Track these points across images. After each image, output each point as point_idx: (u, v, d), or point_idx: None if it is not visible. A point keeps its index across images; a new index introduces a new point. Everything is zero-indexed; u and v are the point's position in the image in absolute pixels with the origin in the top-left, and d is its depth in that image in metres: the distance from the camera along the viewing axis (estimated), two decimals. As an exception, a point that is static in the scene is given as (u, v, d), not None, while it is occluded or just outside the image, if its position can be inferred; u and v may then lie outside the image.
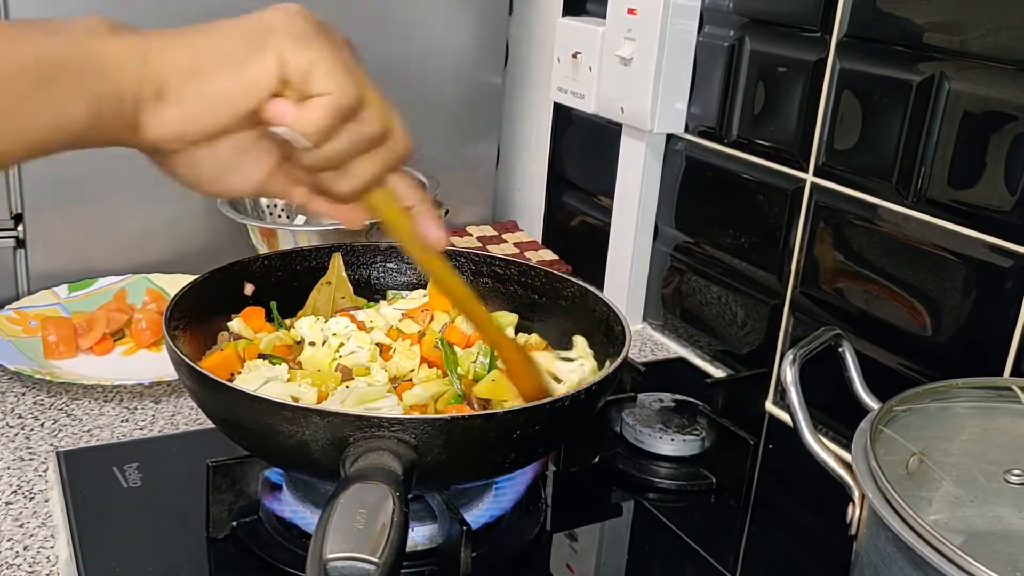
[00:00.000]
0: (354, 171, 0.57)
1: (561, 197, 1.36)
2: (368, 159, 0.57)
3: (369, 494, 0.54)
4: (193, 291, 0.79)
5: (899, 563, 0.55)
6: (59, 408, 0.92)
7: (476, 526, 0.72)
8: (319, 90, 0.52)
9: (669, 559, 0.77)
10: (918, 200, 0.84)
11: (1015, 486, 0.59)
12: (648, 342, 1.17)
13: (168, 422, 0.91)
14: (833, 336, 0.73)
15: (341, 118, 0.53)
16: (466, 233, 1.36)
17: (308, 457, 0.64)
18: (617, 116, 1.14)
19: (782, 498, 0.86)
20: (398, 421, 0.61)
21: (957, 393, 0.68)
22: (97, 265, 1.14)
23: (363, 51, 1.38)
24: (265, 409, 0.63)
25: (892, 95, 0.85)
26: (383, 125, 0.56)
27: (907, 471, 0.61)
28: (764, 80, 0.99)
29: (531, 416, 0.66)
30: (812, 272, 0.95)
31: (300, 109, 0.51)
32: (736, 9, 1.02)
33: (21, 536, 0.74)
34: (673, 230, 1.14)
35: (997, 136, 0.77)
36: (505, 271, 0.90)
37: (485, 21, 1.30)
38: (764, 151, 1.00)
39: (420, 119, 1.30)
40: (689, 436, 0.88)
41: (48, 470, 0.82)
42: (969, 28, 0.79)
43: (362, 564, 0.49)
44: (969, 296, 0.80)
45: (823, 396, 0.81)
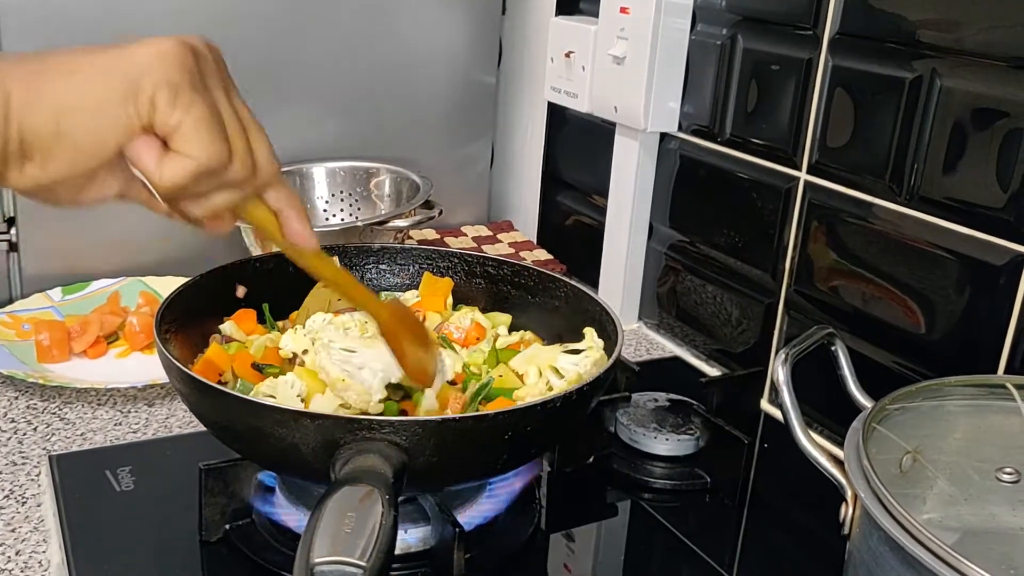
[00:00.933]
0: (208, 203, 0.54)
1: (555, 197, 1.36)
2: (225, 194, 0.54)
3: (358, 497, 0.54)
4: (184, 294, 0.79)
5: (891, 562, 0.55)
6: (52, 412, 0.91)
7: (469, 528, 0.72)
8: (182, 151, 0.49)
9: (665, 558, 0.77)
10: (911, 197, 0.84)
11: (1008, 484, 0.59)
12: (643, 341, 1.17)
13: (161, 425, 0.90)
14: (826, 335, 0.73)
15: (200, 178, 0.51)
16: (461, 233, 1.36)
17: (299, 460, 0.63)
18: (611, 115, 1.14)
19: (777, 497, 0.86)
20: (388, 423, 0.61)
21: (950, 391, 0.68)
22: (90, 268, 1.14)
23: (357, 51, 1.39)
24: (256, 412, 0.63)
25: (884, 92, 0.85)
26: (245, 172, 0.52)
27: (900, 469, 0.61)
28: (757, 78, 0.99)
29: (523, 417, 0.65)
30: (806, 270, 0.95)
31: (159, 163, 0.49)
32: (728, 7, 1.02)
33: (13, 541, 0.73)
34: (667, 229, 1.14)
35: (989, 133, 0.77)
36: (498, 271, 0.90)
37: (478, 21, 1.30)
38: (757, 149, 1.00)
39: (414, 119, 1.31)
40: (684, 436, 0.88)
41: (41, 474, 0.82)
42: (961, 25, 0.78)
43: (349, 568, 0.49)
44: (962, 293, 0.80)
45: (816, 394, 0.81)
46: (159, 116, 0.48)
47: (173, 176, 0.49)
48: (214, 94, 0.51)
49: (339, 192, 1.24)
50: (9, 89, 0.46)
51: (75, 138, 0.47)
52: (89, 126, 0.47)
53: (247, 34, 1.16)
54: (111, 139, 0.48)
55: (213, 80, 0.51)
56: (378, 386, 0.73)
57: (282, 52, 1.19)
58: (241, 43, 1.16)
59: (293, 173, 1.22)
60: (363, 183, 1.25)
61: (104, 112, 0.47)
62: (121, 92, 0.47)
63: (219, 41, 1.25)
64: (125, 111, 0.48)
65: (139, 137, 0.49)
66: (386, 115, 1.28)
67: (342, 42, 1.22)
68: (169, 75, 0.48)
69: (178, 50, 0.49)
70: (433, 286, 0.88)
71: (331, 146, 1.25)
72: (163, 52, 0.48)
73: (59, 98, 0.47)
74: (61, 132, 0.47)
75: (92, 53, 0.49)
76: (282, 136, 1.23)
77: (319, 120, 1.24)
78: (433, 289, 0.88)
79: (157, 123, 0.48)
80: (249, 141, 0.53)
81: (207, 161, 0.50)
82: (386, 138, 1.28)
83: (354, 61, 1.23)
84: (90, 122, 0.47)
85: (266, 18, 1.17)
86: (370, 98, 1.26)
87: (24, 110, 0.46)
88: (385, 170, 1.24)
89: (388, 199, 1.23)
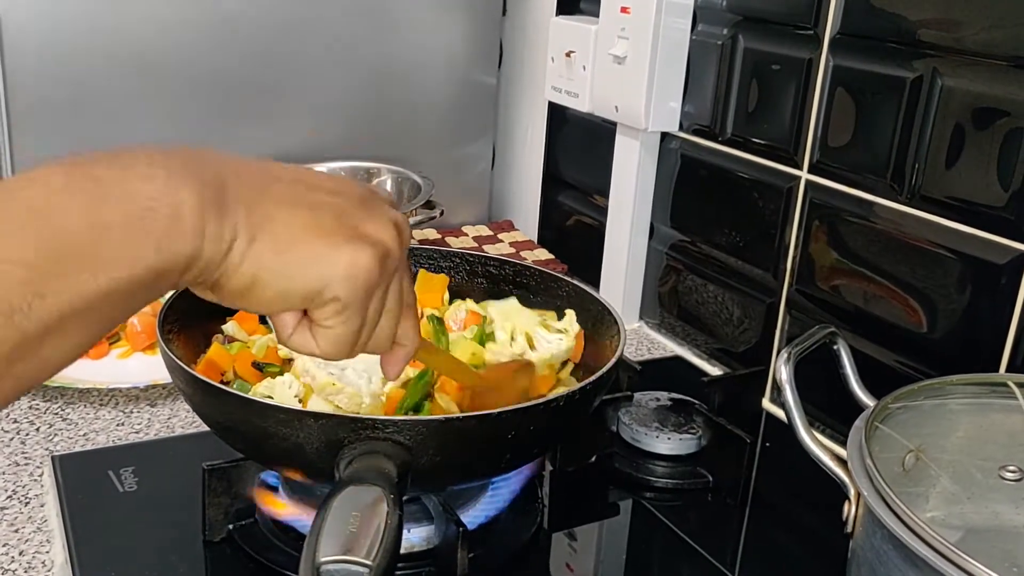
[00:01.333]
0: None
1: (556, 196, 1.36)
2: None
3: (363, 496, 0.54)
4: (187, 294, 0.78)
5: (895, 560, 0.55)
6: (54, 412, 0.91)
7: (472, 527, 0.72)
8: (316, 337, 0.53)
9: (667, 558, 0.77)
10: (912, 196, 0.84)
11: (1011, 482, 0.59)
12: (644, 341, 1.17)
13: (164, 425, 0.91)
14: (828, 334, 0.73)
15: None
16: (462, 233, 1.36)
17: (303, 460, 0.63)
18: (611, 115, 1.14)
19: (779, 496, 0.86)
20: (392, 423, 0.61)
21: (952, 390, 0.68)
22: (92, 269, 1.14)
23: (358, 52, 1.38)
24: (259, 412, 0.63)
25: (885, 92, 0.85)
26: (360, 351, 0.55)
27: (903, 468, 0.61)
28: (758, 78, 0.99)
29: (526, 416, 0.65)
30: (807, 269, 0.95)
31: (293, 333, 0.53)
32: (729, 7, 1.02)
33: (16, 541, 0.73)
34: (668, 229, 1.14)
35: (990, 132, 0.77)
36: (500, 271, 0.90)
37: (479, 21, 1.30)
38: (758, 149, 1.00)
39: (415, 120, 1.31)
40: (686, 435, 0.88)
41: (43, 475, 0.82)
42: (962, 24, 0.78)
43: (355, 567, 0.49)
44: (964, 292, 0.80)
45: (819, 394, 0.81)
46: (320, 315, 0.51)
47: (295, 347, 0.53)
48: (375, 298, 0.53)
49: (340, 192, 1.24)
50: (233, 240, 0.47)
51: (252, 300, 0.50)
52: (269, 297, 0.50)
53: (250, 34, 1.16)
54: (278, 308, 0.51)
55: (386, 279, 0.53)
56: (367, 387, 0.73)
57: (284, 52, 1.19)
58: (244, 43, 1.16)
59: (294, 173, 1.22)
60: (364, 183, 1.25)
61: (284, 296, 0.50)
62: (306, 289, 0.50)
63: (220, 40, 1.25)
64: (300, 302, 0.50)
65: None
66: (387, 115, 1.28)
67: (343, 42, 1.22)
68: (349, 295, 0.50)
69: (370, 266, 0.51)
70: (429, 283, 0.88)
71: (332, 146, 1.25)
72: (357, 269, 0.50)
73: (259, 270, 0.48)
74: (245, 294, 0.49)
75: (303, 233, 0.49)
76: (283, 136, 1.25)
77: (320, 120, 1.24)
78: (429, 286, 0.88)
79: (314, 315, 0.51)
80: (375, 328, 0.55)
81: (327, 356, 0.54)
82: (387, 138, 1.28)
83: (355, 61, 1.24)
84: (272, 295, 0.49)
85: (269, 18, 1.17)
86: (371, 98, 1.26)
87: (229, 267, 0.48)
88: (386, 170, 1.24)
89: (389, 199, 1.23)
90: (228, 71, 1.16)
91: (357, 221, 0.51)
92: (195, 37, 1.14)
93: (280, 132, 1.22)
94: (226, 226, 0.46)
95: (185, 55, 1.14)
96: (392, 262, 0.53)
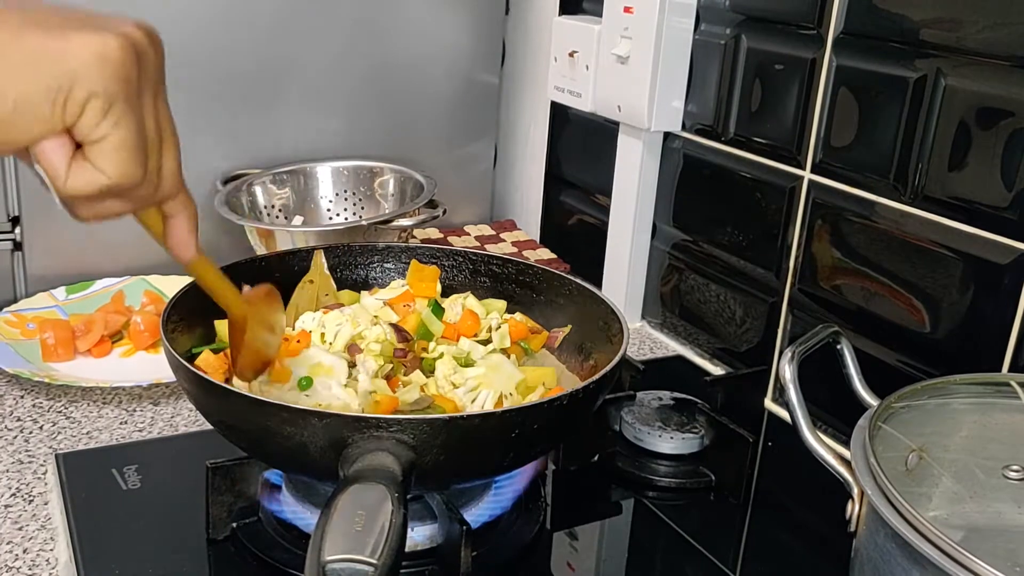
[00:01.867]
0: (101, 208, 0.50)
1: (559, 196, 1.36)
2: (120, 204, 0.50)
3: (368, 495, 0.54)
4: (191, 292, 0.78)
5: (898, 559, 0.55)
6: (58, 411, 0.92)
7: (476, 525, 0.72)
8: (96, 165, 0.46)
9: (669, 557, 0.77)
10: (915, 196, 0.84)
11: (1014, 481, 0.59)
12: (647, 340, 1.17)
13: (167, 424, 0.91)
14: (831, 333, 0.73)
15: (106, 195, 0.48)
16: (464, 232, 1.36)
17: (307, 458, 0.63)
18: (614, 115, 1.14)
19: (782, 495, 0.86)
20: (396, 421, 0.61)
21: (955, 389, 0.68)
22: (94, 267, 1.14)
23: (361, 51, 1.39)
24: (263, 411, 0.63)
25: (888, 92, 0.85)
26: (149, 191, 0.49)
27: (906, 467, 0.61)
28: (761, 77, 0.99)
29: (529, 415, 0.65)
30: (810, 269, 0.95)
31: (67, 169, 0.46)
32: (732, 7, 1.02)
33: (20, 539, 0.73)
34: (671, 228, 1.14)
35: (994, 132, 0.77)
36: (503, 270, 0.90)
37: (481, 20, 1.30)
38: (761, 148, 1.00)
39: (417, 119, 1.31)
40: (688, 434, 0.88)
41: (47, 473, 0.82)
42: (965, 24, 0.79)
43: (360, 565, 0.49)
44: (967, 292, 0.80)
45: (822, 393, 0.81)
46: (84, 125, 0.45)
47: (80, 187, 0.46)
48: (145, 106, 0.47)
49: (343, 191, 1.24)
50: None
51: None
52: (7, 113, 0.43)
53: (252, 34, 1.16)
54: (27, 132, 0.45)
55: (148, 87, 0.48)
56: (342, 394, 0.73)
57: (286, 51, 1.19)
58: (246, 42, 1.17)
59: (297, 172, 1.23)
60: (367, 182, 1.25)
61: (26, 104, 0.43)
62: (49, 87, 0.43)
63: (222, 40, 1.25)
64: (50, 109, 0.44)
65: (54, 136, 0.45)
66: (390, 115, 1.28)
67: (346, 42, 1.22)
68: (106, 84, 0.44)
69: (122, 54, 0.45)
70: (420, 272, 0.88)
71: (335, 146, 1.25)
72: (105, 55, 0.44)
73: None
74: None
75: (28, 31, 0.44)
76: (286, 136, 1.25)
77: (323, 120, 1.24)
78: (421, 275, 0.88)
79: (79, 129, 0.45)
80: (161, 157, 0.50)
81: (118, 181, 0.47)
82: (390, 138, 1.29)
83: (358, 61, 1.24)
84: (10, 110, 0.43)
85: (270, 17, 1.17)
86: (374, 98, 1.26)
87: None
88: (389, 169, 1.25)
89: (392, 198, 1.24)
90: (230, 68, 1.17)
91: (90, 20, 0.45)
92: (198, 35, 1.14)
93: (282, 130, 1.22)
94: None
95: (187, 53, 1.14)
96: (148, 60, 0.47)
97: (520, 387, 0.77)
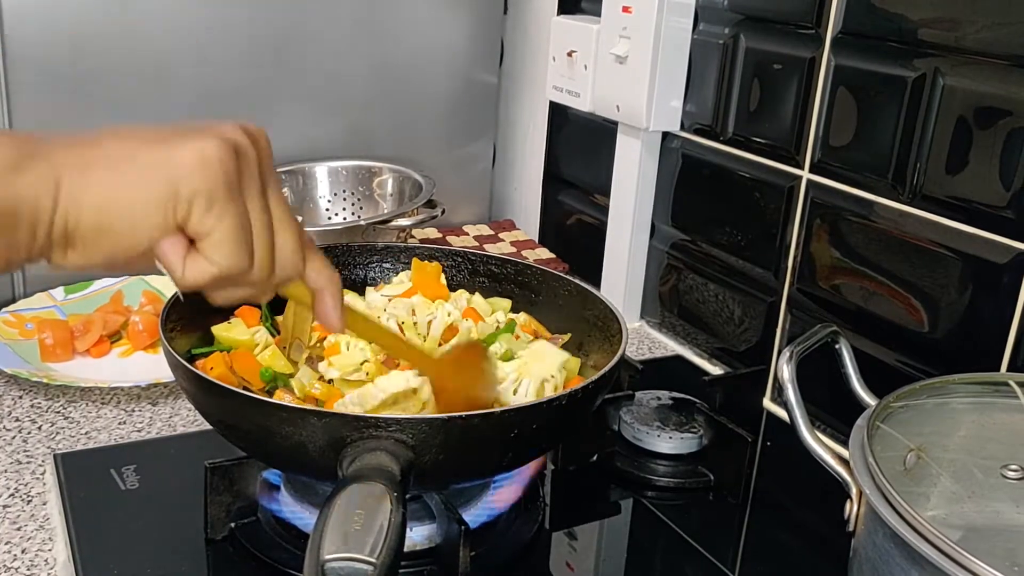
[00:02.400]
0: (227, 295, 0.55)
1: (557, 196, 1.36)
2: (243, 291, 0.55)
3: (366, 494, 0.54)
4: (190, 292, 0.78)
5: (897, 559, 0.55)
6: (56, 411, 0.92)
7: (475, 525, 0.72)
8: (207, 257, 0.51)
9: (668, 557, 0.78)
10: (914, 196, 0.84)
11: (1013, 481, 0.59)
12: (645, 340, 1.17)
13: (166, 424, 0.91)
14: (830, 333, 0.73)
15: (220, 283, 0.52)
16: (463, 232, 1.36)
17: (306, 458, 0.64)
18: (613, 114, 1.14)
19: (780, 495, 0.86)
20: (395, 421, 0.61)
21: (954, 389, 0.68)
22: (93, 267, 1.14)
23: (359, 51, 1.38)
24: (262, 410, 0.63)
25: (887, 91, 0.85)
26: (263, 275, 0.54)
27: (904, 467, 0.61)
28: (759, 77, 0.99)
29: (528, 415, 0.66)
30: (809, 269, 0.95)
31: (183, 264, 0.51)
32: (731, 6, 1.02)
33: (19, 539, 0.73)
34: (669, 228, 1.14)
35: (992, 131, 0.77)
36: (502, 270, 0.90)
37: (480, 20, 1.30)
38: (760, 148, 1.00)
39: (416, 119, 1.31)
40: (687, 434, 0.88)
41: (45, 473, 0.82)
42: (963, 24, 0.79)
43: (359, 564, 0.49)
44: (965, 292, 0.80)
45: (820, 393, 0.81)
46: (192, 222, 0.49)
47: (194, 279, 0.51)
48: (248, 199, 0.51)
49: (342, 191, 1.24)
50: (60, 178, 0.47)
51: (114, 234, 0.49)
52: (128, 224, 0.49)
53: (251, 33, 1.16)
54: (147, 237, 0.49)
55: (251, 181, 0.52)
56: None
57: (285, 51, 1.19)
58: (245, 42, 1.17)
59: (296, 172, 1.23)
60: (366, 182, 1.25)
61: (143, 213, 0.49)
62: (161, 195, 0.48)
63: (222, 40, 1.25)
64: (163, 214, 0.49)
65: (170, 236, 0.50)
66: (388, 114, 1.28)
67: (344, 41, 1.22)
68: (208, 184, 0.49)
69: (220, 154, 0.50)
70: (423, 270, 0.88)
71: (334, 145, 1.25)
72: (206, 157, 0.49)
73: (104, 194, 0.48)
74: (102, 227, 0.48)
75: (138, 146, 0.49)
76: (285, 135, 1.25)
77: (322, 119, 1.24)
78: (424, 272, 0.87)
79: (189, 227, 0.50)
80: (274, 243, 0.54)
81: (228, 269, 0.51)
82: (388, 137, 1.29)
83: (356, 61, 1.24)
84: (129, 220, 0.49)
85: (269, 17, 1.17)
86: (372, 98, 1.26)
87: (71, 202, 0.48)
88: (388, 169, 1.25)
89: (391, 198, 1.24)
90: (229, 69, 1.16)
91: (194, 129, 0.50)
92: (197, 36, 1.14)
93: (280, 130, 1.22)
94: (43, 164, 0.46)
95: (186, 54, 1.14)
96: (249, 158, 0.51)
97: (568, 365, 0.78)
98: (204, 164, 0.49)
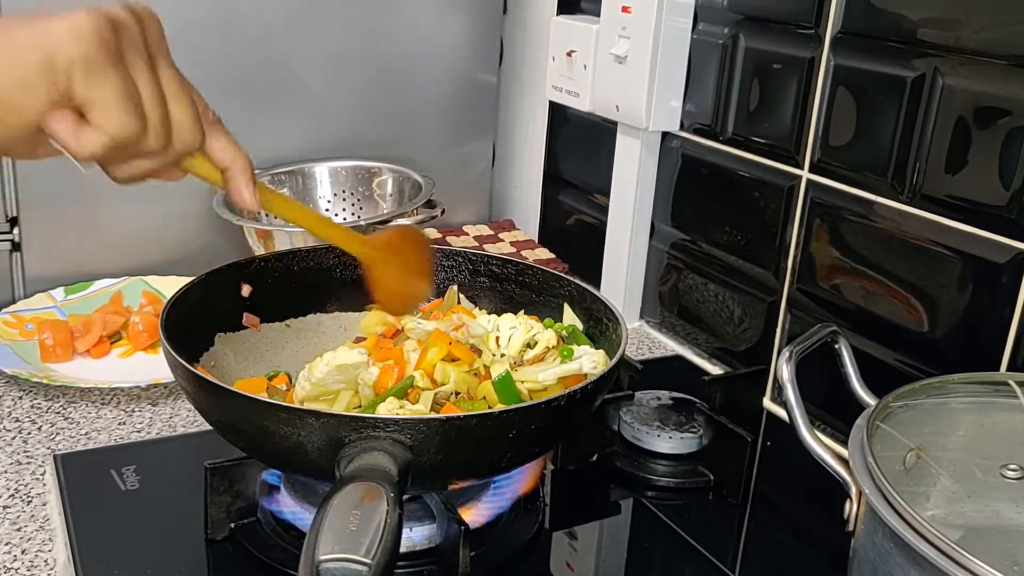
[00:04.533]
0: (129, 168, 0.56)
1: (557, 196, 1.36)
2: (142, 162, 0.56)
3: (363, 495, 0.54)
4: (190, 292, 0.79)
5: (896, 559, 0.55)
6: (56, 411, 0.92)
7: (474, 526, 0.72)
8: (95, 124, 0.51)
9: (668, 556, 0.77)
10: (913, 196, 0.84)
11: (1012, 481, 0.59)
12: (645, 340, 1.17)
13: (166, 424, 0.91)
14: (829, 333, 0.73)
15: (114, 150, 0.53)
16: (463, 232, 1.36)
17: (304, 458, 0.64)
18: (612, 114, 1.14)
19: (780, 495, 0.86)
20: (393, 421, 0.61)
21: (953, 388, 0.68)
22: (93, 268, 1.14)
23: (359, 51, 1.38)
24: (261, 411, 0.63)
25: (886, 91, 0.85)
26: (159, 143, 0.54)
27: (904, 467, 0.61)
28: (759, 77, 0.99)
29: (527, 415, 0.65)
30: (808, 269, 0.95)
31: (74, 135, 0.51)
32: (730, 6, 1.02)
33: (19, 540, 0.73)
34: (669, 228, 1.14)
35: (991, 131, 0.77)
36: (502, 270, 0.90)
37: (479, 20, 1.30)
38: (759, 148, 1.00)
39: (415, 119, 1.31)
40: (687, 434, 0.88)
41: (45, 473, 0.82)
42: (963, 24, 0.78)
43: (354, 565, 0.49)
44: (965, 291, 0.80)
45: (820, 392, 0.81)
46: (75, 91, 0.50)
47: (89, 148, 0.52)
48: (133, 69, 0.52)
49: (342, 191, 1.24)
50: None
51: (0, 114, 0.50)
52: (12, 102, 0.50)
53: (250, 33, 1.16)
54: (34, 113, 0.50)
55: (133, 51, 0.52)
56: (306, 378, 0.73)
57: (285, 51, 1.19)
58: (244, 42, 1.16)
59: (296, 172, 1.23)
60: (365, 182, 1.25)
61: (24, 89, 0.50)
62: (38, 68, 0.49)
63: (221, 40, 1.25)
64: (44, 87, 0.50)
65: (57, 110, 0.51)
66: (388, 115, 1.28)
67: (344, 42, 1.22)
68: (84, 50, 0.50)
69: (95, 24, 0.50)
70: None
71: (333, 145, 1.25)
72: (79, 26, 0.50)
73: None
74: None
75: (12, 26, 0.50)
76: (285, 135, 1.25)
77: (321, 120, 1.24)
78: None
79: (75, 98, 0.50)
80: (168, 112, 0.54)
81: (118, 134, 0.52)
82: (388, 137, 1.28)
83: (356, 61, 1.24)
84: (11, 98, 0.50)
85: (269, 17, 1.17)
86: (372, 98, 1.26)
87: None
88: (387, 169, 1.25)
89: (390, 198, 1.24)
90: (229, 68, 1.16)
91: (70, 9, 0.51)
92: (197, 35, 1.14)
93: (280, 130, 1.22)
94: None
95: (186, 52, 1.13)
96: (131, 30, 0.52)
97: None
98: (78, 33, 0.49)
